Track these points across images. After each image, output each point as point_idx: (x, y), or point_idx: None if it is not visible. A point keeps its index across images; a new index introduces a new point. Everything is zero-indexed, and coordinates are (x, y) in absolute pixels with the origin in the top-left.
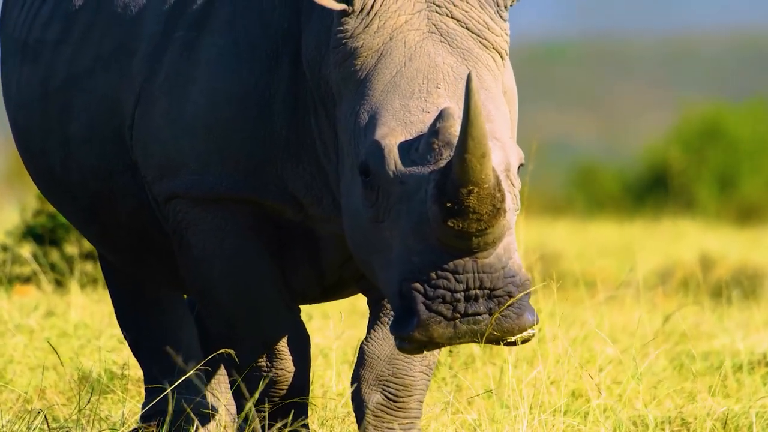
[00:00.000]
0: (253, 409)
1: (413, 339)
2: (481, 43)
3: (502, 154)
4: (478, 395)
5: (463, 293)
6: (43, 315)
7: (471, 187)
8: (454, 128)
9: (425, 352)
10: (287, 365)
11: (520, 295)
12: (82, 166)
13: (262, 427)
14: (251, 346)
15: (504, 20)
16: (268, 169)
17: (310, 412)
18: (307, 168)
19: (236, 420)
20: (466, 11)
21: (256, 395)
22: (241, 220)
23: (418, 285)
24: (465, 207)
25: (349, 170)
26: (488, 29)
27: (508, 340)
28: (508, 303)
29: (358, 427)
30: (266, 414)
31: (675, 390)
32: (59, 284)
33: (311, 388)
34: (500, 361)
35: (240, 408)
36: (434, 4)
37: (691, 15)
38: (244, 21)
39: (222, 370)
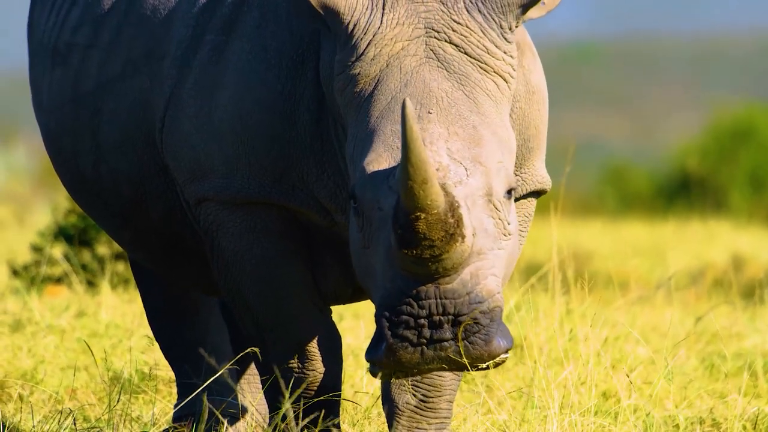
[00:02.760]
0: (289, 409)
1: (383, 364)
2: (480, 67)
3: (483, 180)
4: (508, 394)
5: (426, 319)
6: (75, 315)
7: (418, 213)
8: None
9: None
10: (318, 366)
11: (476, 313)
12: (113, 170)
13: (293, 429)
14: (282, 347)
15: (508, 42)
16: (295, 174)
17: (340, 412)
18: (331, 177)
19: (267, 420)
20: (464, 36)
21: (287, 395)
22: (270, 223)
23: (386, 311)
24: (415, 233)
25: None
26: (488, 53)
27: (480, 366)
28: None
29: (389, 428)
30: (298, 414)
31: (706, 390)
32: (90, 284)
33: (342, 388)
34: (531, 361)
35: (272, 408)
36: (433, 29)
37: (720, 16)
38: (272, 26)
39: (252, 370)
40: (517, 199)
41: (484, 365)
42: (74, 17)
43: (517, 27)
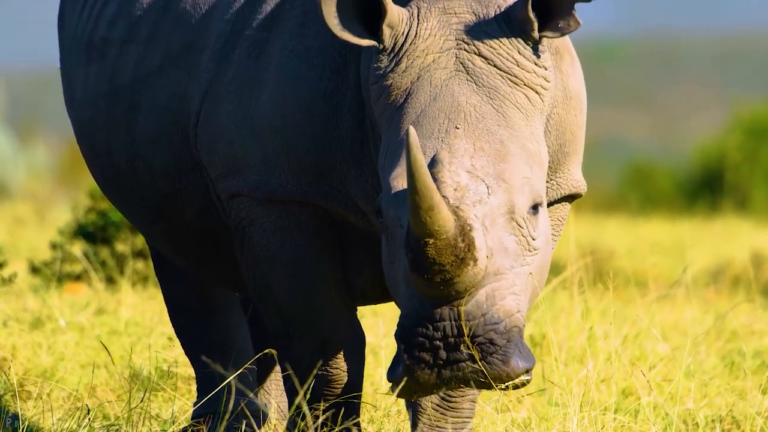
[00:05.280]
0: (305, 406)
1: (401, 384)
2: (510, 80)
3: (505, 197)
4: (528, 393)
5: (441, 341)
6: (94, 313)
7: (426, 239)
8: (442, 174)
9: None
10: (341, 364)
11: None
12: (149, 165)
13: (316, 426)
14: (309, 344)
15: (539, 54)
16: (333, 174)
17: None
18: (369, 180)
19: (287, 418)
20: (494, 48)
21: (305, 390)
22: (304, 221)
23: (403, 332)
24: (425, 258)
25: None
26: (518, 66)
27: (500, 387)
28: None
29: (411, 427)
30: (320, 413)
31: (726, 388)
32: (110, 282)
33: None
34: (550, 359)
35: (293, 405)
36: (463, 42)
37: (743, 14)
38: (315, 26)
39: (274, 369)
40: (551, 203)
41: (504, 386)
42: (110, 12)
43: (539, 43)
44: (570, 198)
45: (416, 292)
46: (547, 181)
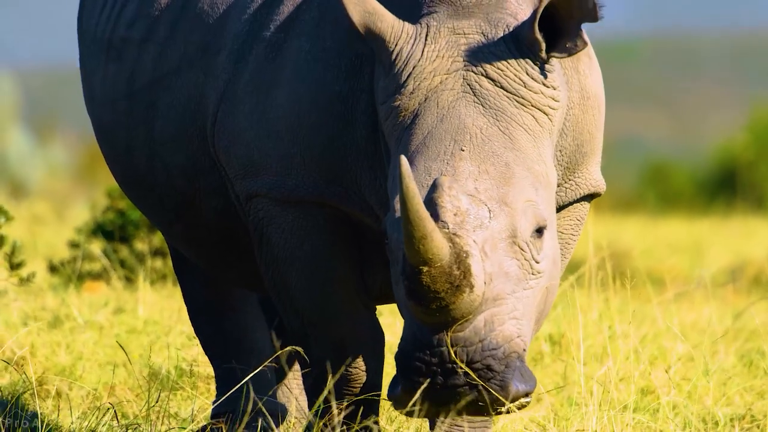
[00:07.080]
0: (331, 405)
1: (401, 404)
2: (517, 101)
3: (507, 222)
4: (547, 392)
5: (438, 366)
6: (113, 311)
7: (420, 267)
8: (441, 199)
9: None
10: (361, 363)
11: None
12: (168, 165)
13: (336, 425)
14: (327, 344)
15: (547, 74)
16: (349, 177)
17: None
18: (382, 184)
19: (307, 417)
20: (501, 70)
21: (326, 391)
22: (322, 221)
23: (401, 355)
24: (420, 285)
25: None
26: (525, 87)
27: (500, 410)
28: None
29: (429, 426)
30: (340, 412)
31: (745, 387)
32: (129, 281)
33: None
34: (569, 357)
35: (312, 404)
36: (471, 63)
37: (760, 13)
38: (331, 27)
39: (294, 368)
40: (570, 203)
41: (503, 409)
42: (129, 12)
43: (547, 63)
44: (589, 197)
45: (413, 319)
46: (565, 181)
